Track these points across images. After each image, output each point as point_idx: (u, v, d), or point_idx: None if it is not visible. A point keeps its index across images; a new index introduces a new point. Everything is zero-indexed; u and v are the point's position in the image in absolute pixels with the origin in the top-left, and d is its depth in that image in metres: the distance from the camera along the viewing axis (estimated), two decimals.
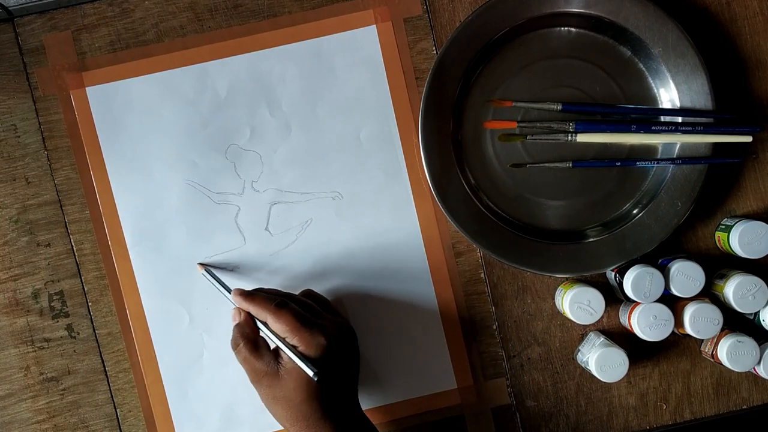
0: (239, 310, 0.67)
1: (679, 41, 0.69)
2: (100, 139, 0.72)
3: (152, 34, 0.72)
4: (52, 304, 0.72)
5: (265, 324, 0.65)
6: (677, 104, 0.70)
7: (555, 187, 0.72)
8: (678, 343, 0.73)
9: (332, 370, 0.63)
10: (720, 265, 0.72)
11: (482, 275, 0.73)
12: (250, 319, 0.66)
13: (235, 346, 0.65)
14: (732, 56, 0.73)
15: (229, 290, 0.68)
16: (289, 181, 0.72)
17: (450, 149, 0.70)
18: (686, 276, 0.67)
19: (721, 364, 0.69)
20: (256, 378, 0.64)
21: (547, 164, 0.71)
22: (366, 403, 0.72)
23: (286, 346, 0.63)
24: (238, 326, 0.66)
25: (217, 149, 0.72)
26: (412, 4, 0.72)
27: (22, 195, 0.72)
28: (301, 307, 0.65)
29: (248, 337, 0.65)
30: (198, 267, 0.71)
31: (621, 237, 0.70)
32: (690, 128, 0.69)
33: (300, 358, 0.62)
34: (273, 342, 0.65)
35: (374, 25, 0.72)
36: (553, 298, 0.73)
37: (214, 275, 0.70)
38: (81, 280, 0.72)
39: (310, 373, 0.61)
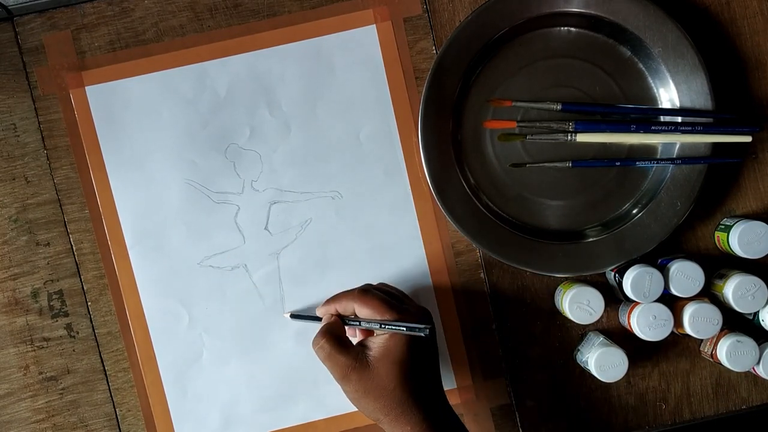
0: (329, 315, 0.67)
1: (679, 41, 0.69)
2: (99, 138, 0.72)
3: (152, 34, 0.72)
4: (51, 304, 0.72)
5: (354, 320, 0.65)
6: (677, 104, 0.70)
7: (554, 186, 0.72)
8: (677, 343, 0.73)
9: (419, 354, 0.63)
10: (719, 265, 0.72)
11: (482, 275, 0.73)
12: (339, 320, 0.66)
13: (315, 344, 0.64)
14: (732, 56, 0.73)
15: (316, 317, 0.69)
16: (289, 181, 0.72)
17: (450, 149, 0.70)
18: (686, 276, 0.67)
19: (721, 364, 0.69)
20: (343, 374, 0.63)
21: (546, 164, 0.71)
22: None
23: (379, 324, 0.63)
24: (323, 326, 0.66)
25: (217, 149, 0.72)
26: (412, 4, 0.72)
27: (21, 194, 0.72)
28: (383, 293, 0.66)
29: (332, 334, 0.64)
30: (286, 316, 0.72)
31: (620, 237, 0.70)
32: (690, 128, 0.69)
33: (404, 325, 0.62)
34: (369, 330, 0.65)
35: (374, 25, 0.72)
36: (553, 298, 0.73)
37: (303, 315, 0.71)
38: (80, 280, 0.72)
39: (421, 333, 0.62)
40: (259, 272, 0.72)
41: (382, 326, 0.63)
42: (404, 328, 0.62)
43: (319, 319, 0.68)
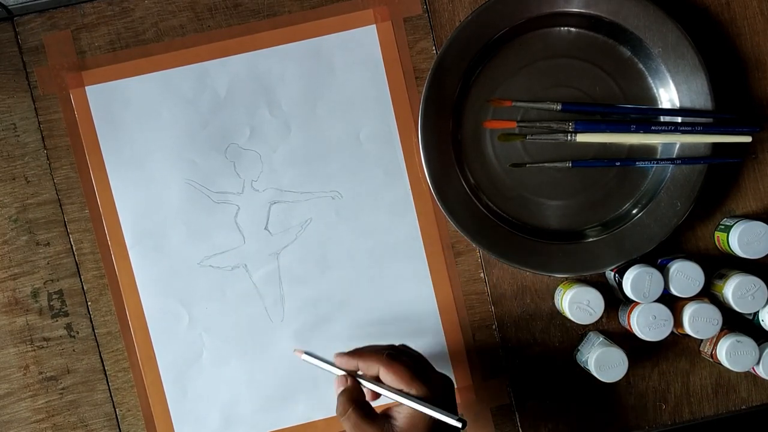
0: (345, 377, 0.64)
1: (679, 41, 0.69)
2: (99, 138, 0.72)
3: (152, 34, 0.72)
4: (51, 304, 0.72)
5: (374, 383, 0.62)
6: (677, 104, 0.70)
7: (554, 186, 0.72)
8: (677, 343, 0.73)
9: (445, 429, 0.61)
10: (719, 265, 0.72)
11: (482, 275, 0.73)
12: (357, 384, 0.63)
13: (343, 412, 0.61)
14: (732, 56, 0.73)
15: (332, 363, 0.65)
16: (289, 181, 0.72)
17: (450, 149, 0.70)
18: (685, 276, 0.67)
19: (721, 364, 0.69)
20: None
21: (546, 164, 0.71)
22: None
23: (409, 398, 0.60)
24: (344, 392, 0.62)
25: (217, 149, 0.72)
26: (412, 4, 0.72)
27: (21, 194, 0.72)
28: (410, 359, 0.63)
29: (358, 402, 0.62)
30: (297, 354, 0.67)
31: (620, 237, 0.70)
32: (690, 128, 0.69)
33: (437, 410, 0.59)
34: (390, 398, 0.61)
35: (374, 25, 0.72)
36: (553, 298, 0.73)
37: (316, 355, 0.66)
38: (80, 280, 0.72)
39: (458, 424, 0.59)
40: (259, 272, 0.72)
41: (413, 401, 0.60)
42: (437, 414, 0.59)
43: (332, 364, 0.65)
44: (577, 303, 0.68)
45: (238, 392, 0.73)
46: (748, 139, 0.70)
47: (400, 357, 0.62)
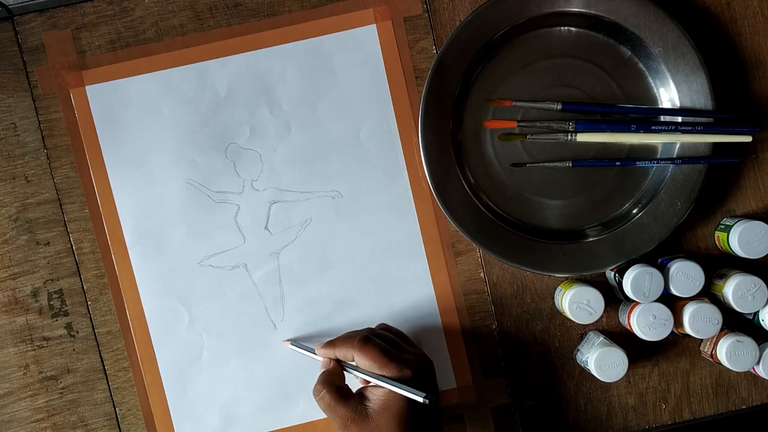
0: (328, 360, 0.67)
1: (679, 41, 0.69)
2: (99, 137, 0.72)
3: (152, 33, 0.72)
4: (51, 303, 0.72)
5: (354, 367, 0.65)
6: (677, 104, 0.70)
7: (554, 186, 0.72)
8: (677, 342, 0.73)
9: (420, 408, 0.62)
10: (719, 264, 0.72)
11: (482, 275, 0.73)
12: (338, 367, 0.66)
13: (316, 393, 0.64)
14: (732, 56, 0.73)
15: (314, 351, 0.68)
16: (289, 180, 0.72)
17: (450, 149, 0.70)
18: (686, 276, 0.67)
19: (721, 364, 0.69)
20: (343, 424, 0.63)
21: (546, 164, 0.71)
22: None
23: (379, 379, 0.62)
24: (323, 374, 0.66)
25: (217, 148, 0.72)
26: (412, 3, 0.72)
27: (21, 193, 0.72)
28: (384, 341, 0.65)
29: (332, 384, 0.64)
30: (285, 343, 0.72)
31: (620, 236, 0.70)
32: (690, 128, 0.69)
33: (404, 388, 0.61)
34: (368, 380, 0.64)
35: (374, 24, 0.72)
36: (553, 298, 0.73)
37: (301, 345, 0.71)
38: (80, 279, 0.72)
39: (420, 398, 0.60)
40: (259, 272, 0.72)
41: (383, 381, 0.62)
42: (404, 392, 0.61)
43: (314, 351, 0.68)
44: (577, 303, 0.68)
45: (238, 392, 0.72)
46: (748, 139, 0.70)
47: (372, 341, 0.64)
